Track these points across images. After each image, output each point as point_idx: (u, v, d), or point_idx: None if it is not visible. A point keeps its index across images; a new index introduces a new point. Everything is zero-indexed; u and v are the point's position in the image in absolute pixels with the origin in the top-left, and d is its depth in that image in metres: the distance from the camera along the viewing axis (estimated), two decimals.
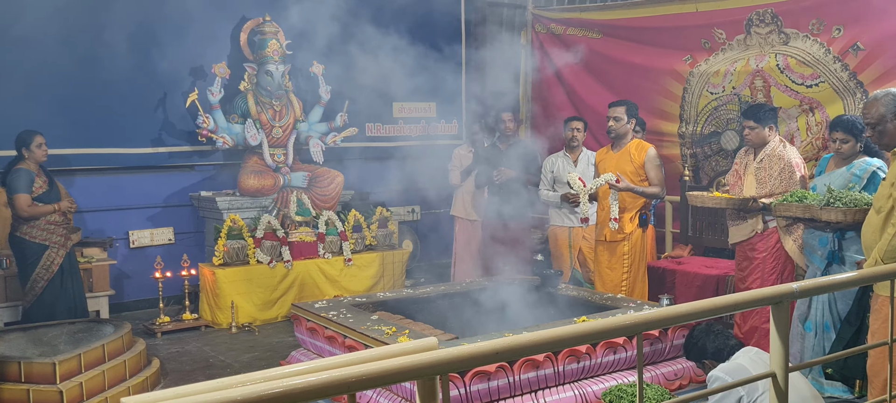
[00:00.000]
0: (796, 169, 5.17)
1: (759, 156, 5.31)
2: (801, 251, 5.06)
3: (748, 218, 5.33)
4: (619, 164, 5.95)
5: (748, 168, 5.39)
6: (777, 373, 2.23)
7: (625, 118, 5.99)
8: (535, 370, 4.28)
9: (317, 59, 8.15)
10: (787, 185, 5.13)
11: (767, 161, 5.25)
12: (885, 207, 3.71)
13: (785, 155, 5.20)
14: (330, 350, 4.89)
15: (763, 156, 5.28)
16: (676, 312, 2.13)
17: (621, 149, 6.04)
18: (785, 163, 5.17)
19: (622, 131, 6.01)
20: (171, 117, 7.86)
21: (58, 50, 7.21)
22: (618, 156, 6.03)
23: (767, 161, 5.25)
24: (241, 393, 1.44)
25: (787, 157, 5.19)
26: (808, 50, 6.60)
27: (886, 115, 3.83)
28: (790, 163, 5.17)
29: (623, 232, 5.91)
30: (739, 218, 5.39)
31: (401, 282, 8.11)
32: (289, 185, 7.90)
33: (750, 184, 5.35)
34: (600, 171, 6.13)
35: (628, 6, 8.25)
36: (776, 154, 5.23)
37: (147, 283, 7.57)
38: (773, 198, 5.13)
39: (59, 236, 6.23)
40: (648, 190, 5.88)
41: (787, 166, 5.16)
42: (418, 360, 1.64)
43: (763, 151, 5.29)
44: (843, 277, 2.86)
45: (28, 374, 4.60)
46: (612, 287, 5.93)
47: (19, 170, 6.07)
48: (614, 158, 6.04)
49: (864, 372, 4.40)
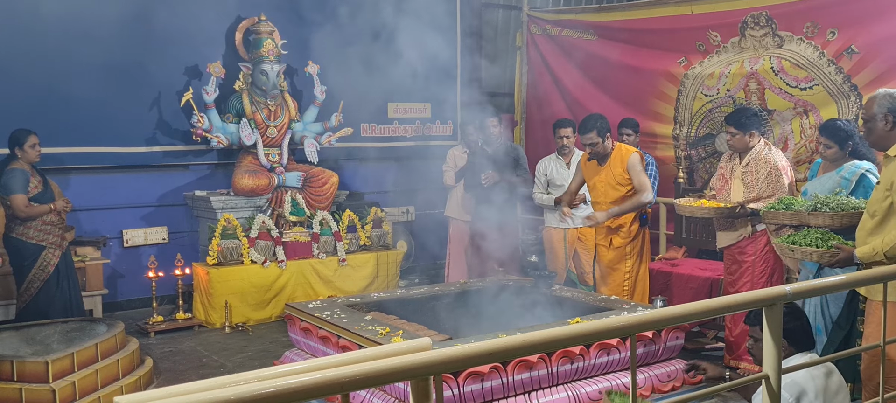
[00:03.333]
0: (783, 172, 5.17)
1: (745, 161, 5.31)
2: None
3: (737, 222, 5.35)
4: (605, 179, 5.85)
5: (734, 172, 5.40)
6: (770, 375, 2.24)
7: (599, 140, 5.74)
8: (528, 371, 4.28)
9: (312, 58, 8.15)
10: (775, 189, 5.15)
11: (753, 165, 5.26)
12: (879, 211, 3.71)
13: (771, 158, 5.21)
14: (324, 351, 4.89)
15: (749, 161, 5.29)
16: (670, 314, 2.13)
17: (606, 163, 5.85)
18: (771, 166, 5.18)
19: (602, 150, 5.80)
20: (166, 116, 7.85)
21: (52, 47, 7.19)
22: (604, 170, 5.86)
23: (753, 165, 5.26)
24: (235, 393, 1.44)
25: (773, 161, 5.20)
26: (802, 53, 6.62)
27: (877, 115, 3.85)
28: (776, 166, 5.18)
29: (628, 235, 5.90)
30: (728, 224, 5.41)
31: (395, 283, 8.11)
32: (283, 185, 7.88)
33: (737, 188, 5.36)
34: (586, 180, 6.04)
35: (623, 8, 8.27)
36: (762, 158, 5.24)
37: (140, 282, 7.55)
38: (761, 202, 5.14)
39: (55, 236, 6.19)
40: (633, 202, 5.66)
41: (774, 169, 5.17)
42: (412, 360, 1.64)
43: (748, 155, 5.30)
44: (836, 279, 2.86)
45: (21, 373, 4.59)
46: (616, 287, 5.92)
47: (14, 170, 6.01)
48: (601, 172, 5.87)
49: (854, 375, 4.42)
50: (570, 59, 8.73)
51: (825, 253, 4.01)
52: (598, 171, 5.89)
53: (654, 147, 7.68)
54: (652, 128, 7.80)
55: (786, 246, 4.30)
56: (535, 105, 9.24)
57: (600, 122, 5.76)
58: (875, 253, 3.66)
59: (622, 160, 5.78)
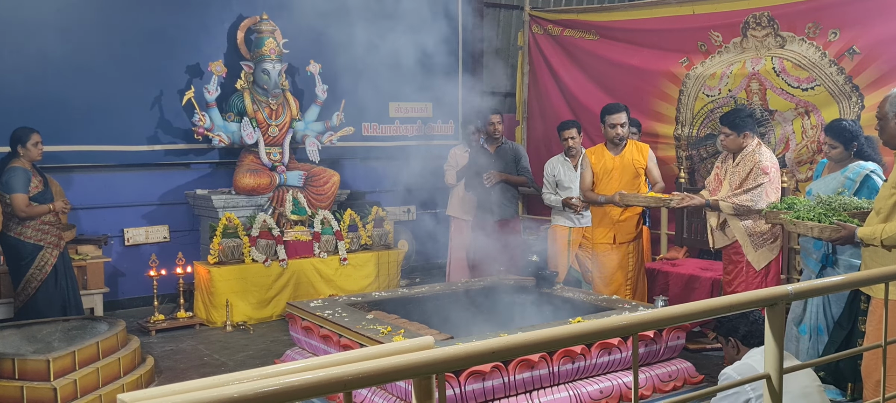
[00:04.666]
0: (763, 172, 5.18)
1: (737, 159, 5.37)
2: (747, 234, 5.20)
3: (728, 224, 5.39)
4: (621, 166, 5.94)
5: (728, 172, 5.44)
6: (772, 375, 2.23)
7: (628, 123, 6.04)
8: (530, 370, 4.28)
9: (313, 57, 8.15)
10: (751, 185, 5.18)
11: (742, 163, 5.32)
12: (885, 208, 3.71)
13: (757, 157, 5.26)
14: (325, 349, 4.89)
15: (740, 160, 5.35)
16: (671, 313, 2.13)
17: (620, 152, 6.01)
18: (754, 164, 5.22)
19: (627, 135, 6.06)
20: (168, 115, 7.85)
21: (53, 46, 7.19)
22: (619, 160, 5.98)
23: (742, 163, 5.32)
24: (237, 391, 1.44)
25: (758, 159, 5.24)
26: (804, 53, 6.61)
27: (889, 113, 3.85)
28: (759, 164, 5.21)
29: (631, 234, 5.94)
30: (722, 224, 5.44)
31: (396, 282, 8.11)
32: (285, 184, 7.89)
33: (726, 187, 5.41)
34: (596, 171, 6.09)
35: (625, 8, 8.26)
36: (750, 157, 5.28)
37: (142, 281, 7.56)
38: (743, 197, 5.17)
39: (52, 236, 6.18)
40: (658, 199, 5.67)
41: (757, 167, 5.20)
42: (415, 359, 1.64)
43: (740, 155, 5.35)
44: (838, 279, 2.86)
45: (22, 371, 4.59)
46: (617, 287, 5.94)
47: (15, 169, 5.99)
48: (616, 162, 5.97)
49: (855, 375, 4.42)
50: (571, 58, 8.72)
51: (826, 228, 4.05)
52: (613, 161, 6.00)
53: (655, 147, 7.65)
54: (653, 128, 7.79)
55: (789, 220, 4.32)
56: (536, 105, 9.23)
57: (627, 108, 6.07)
58: (874, 238, 3.67)
59: (642, 154, 5.99)
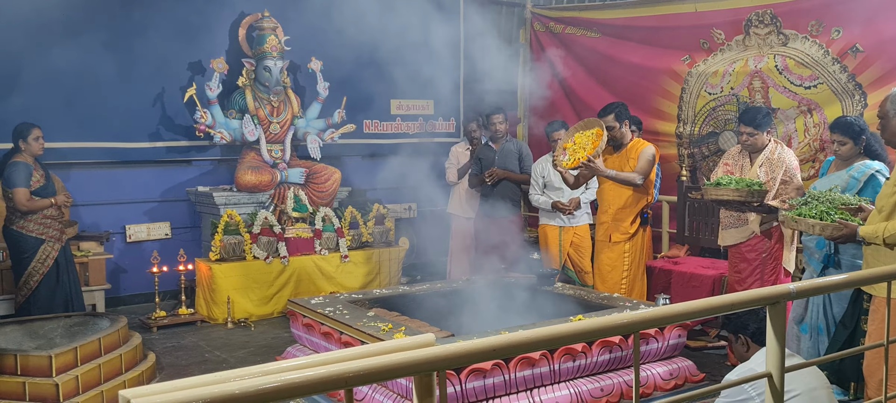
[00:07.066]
0: (796, 172, 5.18)
1: (759, 160, 5.25)
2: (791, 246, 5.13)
3: (750, 220, 5.32)
4: (617, 166, 5.88)
5: (746, 170, 5.34)
6: (773, 374, 2.23)
7: (617, 124, 5.83)
8: (530, 368, 4.28)
9: (315, 54, 8.15)
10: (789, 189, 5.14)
11: (767, 165, 5.22)
12: (887, 206, 3.71)
13: (785, 158, 5.19)
14: (326, 347, 4.89)
15: (763, 160, 5.24)
16: (672, 311, 2.13)
17: (621, 151, 5.94)
18: (786, 166, 5.17)
19: (619, 136, 5.88)
20: (169, 112, 7.85)
21: (55, 43, 7.19)
22: (616, 159, 5.92)
23: (767, 165, 5.22)
24: (238, 387, 1.43)
25: (787, 161, 5.18)
26: (806, 51, 6.61)
27: (890, 112, 3.85)
28: (791, 166, 5.17)
29: (627, 232, 5.89)
30: (739, 221, 5.38)
31: (397, 279, 8.11)
32: (286, 181, 7.89)
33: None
34: None
35: (627, 6, 8.25)
36: (776, 159, 5.20)
37: (143, 278, 7.56)
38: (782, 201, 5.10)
39: (54, 231, 6.19)
40: (621, 174, 5.71)
41: (789, 170, 5.16)
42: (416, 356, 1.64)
43: (762, 155, 5.25)
44: (840, 278, 2.84)
45: (24, 367, 4.60)
46: (613, 286, 5.92)
47: (17, 163, 6.00)
48: (611, 160, 5.93)
49: (858, 375, 4.42)
50: (573, 56, 8.72)
51: (827, 226, 4.05)
52: (609, 160, 5.92)
53: (657, 145, 7.65)
54: (655, 125, 7.79)
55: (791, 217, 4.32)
56: (538, 102, 9.23)
57: (620, 108, 5.90)
58: (876, 236, 3.66)
59: (638, 151, 5.84)
